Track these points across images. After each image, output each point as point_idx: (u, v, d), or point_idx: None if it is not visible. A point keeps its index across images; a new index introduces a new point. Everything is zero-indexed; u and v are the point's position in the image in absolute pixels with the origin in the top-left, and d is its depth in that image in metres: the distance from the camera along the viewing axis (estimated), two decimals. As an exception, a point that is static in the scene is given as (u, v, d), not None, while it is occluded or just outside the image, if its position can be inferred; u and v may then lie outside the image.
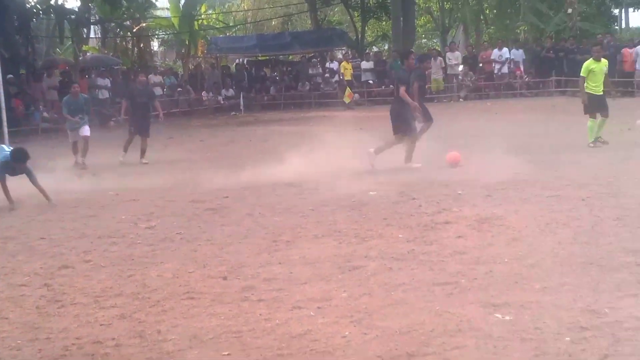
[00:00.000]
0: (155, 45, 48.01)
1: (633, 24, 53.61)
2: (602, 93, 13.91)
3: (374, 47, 44.32)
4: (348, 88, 28.77)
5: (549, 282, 5.67)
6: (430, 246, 7.10)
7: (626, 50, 27.12)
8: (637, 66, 26.55)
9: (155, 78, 29.85)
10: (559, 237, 7.11)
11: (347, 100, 28.28)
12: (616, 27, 44.83)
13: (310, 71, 32.15)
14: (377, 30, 46.72)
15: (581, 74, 14.04)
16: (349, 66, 30.33)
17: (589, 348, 4.39)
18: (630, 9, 47.43)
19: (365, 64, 30.95)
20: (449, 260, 6.51)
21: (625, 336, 4.52)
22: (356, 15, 41.10)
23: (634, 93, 26.11)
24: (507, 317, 4.98)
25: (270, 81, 33.59)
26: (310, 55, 34.85)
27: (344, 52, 35.34)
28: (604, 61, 14.13)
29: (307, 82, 31.76)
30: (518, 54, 29.40)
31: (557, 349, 4.41)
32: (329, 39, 35.10)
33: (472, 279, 5.89)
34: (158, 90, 29.33)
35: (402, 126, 12.42)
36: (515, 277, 5.88)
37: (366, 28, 41.57)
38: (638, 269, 5.86)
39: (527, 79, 29.20)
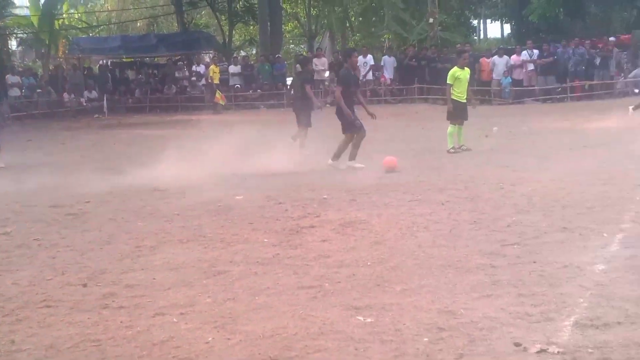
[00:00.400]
0: (13, 44, 46.20)
1: (491, 34, 56.22)
2: (465, 101, 14.40)
3: (241, 51, 44.28)
4: (218, 91, 28.62)
5: (409, 284, 5.81)
6: (295, 250, 7.14)
7: (484, 60, 28.20)
8: (494, 75, 27.68)
9: (13, 78, 28.80)
10: (419, 240, 7.30)
11: (222, 102, 28.12)
12: (475, 37, 46.85)
13: (176, 74, 31.80)
14: (245, 35, 46.74)
15: (447, 82, 14.39)
16: (217, 70, 30.17)
17: (445, 348, 4.52)
18: (488, 20, 49.70)
19: (232, 68, 30.93)
20: (314, 264, 6.57)
21: (479, 336, 4.68)
22: (223, 19, 40.95)
23: (491, 101, 27.22)
24: (369, 320, 5.06)
25: (135, 83, 32.95)
26: (176, 58, 34.44)
27: (212, 55, 35.13)
28: (467, 69, 14.57)
29: (173, 85, 31.38)
30: (390, 61, 29.86)
31: (416, 350, 4.52)
32: (196, 41, 34.79)
33: (335, 282, 5.96)
34: (16, 91, 28.33)
35: (348, 125, 12.55)
36: (377, 279, 5.99)
37: (234, 32, 41.49)
38: (492, 271, 6.08)
39: (391, 86, 29.85)
